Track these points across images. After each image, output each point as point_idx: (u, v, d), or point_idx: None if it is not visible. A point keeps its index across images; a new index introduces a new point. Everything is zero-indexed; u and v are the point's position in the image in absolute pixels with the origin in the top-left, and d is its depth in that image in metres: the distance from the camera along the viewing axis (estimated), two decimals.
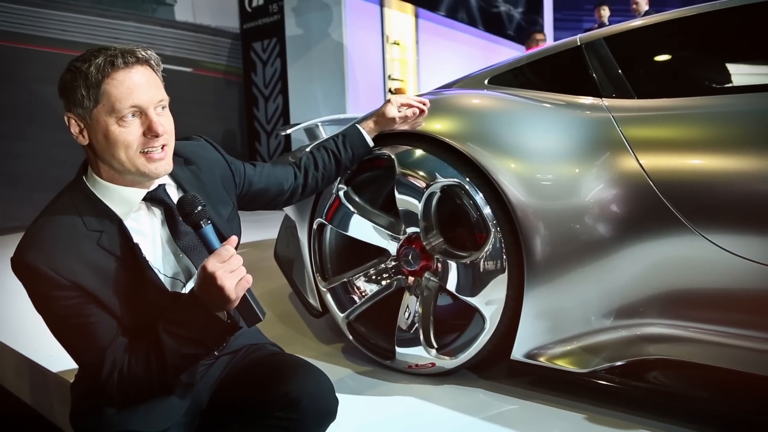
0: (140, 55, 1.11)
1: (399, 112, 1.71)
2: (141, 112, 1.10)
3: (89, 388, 1.21)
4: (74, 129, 1.13)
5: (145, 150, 1.11)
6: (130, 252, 1.14)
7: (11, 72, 5.59)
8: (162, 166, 1.14)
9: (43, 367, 2.08)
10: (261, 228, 4.36)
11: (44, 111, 5.72)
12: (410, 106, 1.71)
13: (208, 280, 1.05)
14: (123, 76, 1.08)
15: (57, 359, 2.06)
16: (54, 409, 2.10)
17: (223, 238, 1.13)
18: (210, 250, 1.10)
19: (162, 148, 1.13)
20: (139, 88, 1.09)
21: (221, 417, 1.27)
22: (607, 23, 7.03)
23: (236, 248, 1.12)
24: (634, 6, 6.39)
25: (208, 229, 1.12)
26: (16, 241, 1.11)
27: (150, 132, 1.10)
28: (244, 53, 7.44)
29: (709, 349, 1.42)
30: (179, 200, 1.15)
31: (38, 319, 1.15)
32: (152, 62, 1.14)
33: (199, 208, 1.13)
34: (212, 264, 1.05)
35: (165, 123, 1.13)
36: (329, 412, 1.19)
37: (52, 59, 5.76)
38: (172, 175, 1.24)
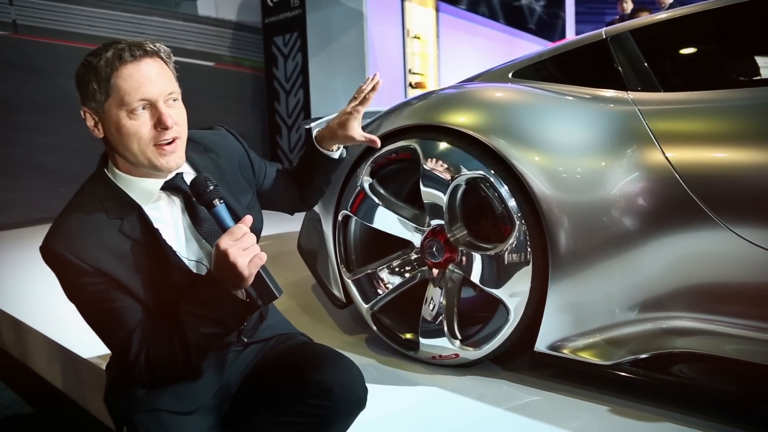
0: (148, 48, 1.13)
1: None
2: (151, 105, 1.12)
3: (121, 370, 1.25)
4: (89, 122, 1.16)
5: (157, 142, 1.13)
6: (152, 237, 1.17)
7: (40, 66, 5.68)
8: (173, 159, 1.16)
9: (74, 353, 2.13)
10: (280, 221, 4.39)
11: (71, 105, 5.74)
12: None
13: (221, 258, 1.07)
14: (131, 69, 1.10)
15: (88, 345, 2.11)
16: (85, 394, 2.16)
17: (238, 219, 1.14)
18: (223, 229, 1.12)
19: (173, 140, 1.14)
20: (148, 81, 1.11)
21: (251, 402, 1.30)
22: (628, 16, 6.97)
23: (258, 238, 1.14)
24: None
25: (221, 208, 1.14)
26: (44, 233, 1.15)
27: (160, 124, 1.12)
28: (266, 47, 7.48)
29: (735, 343, 1.42)
30: (192, 181, 1.17)
31: (69, 306, 1.19)
32: (162, 55, 1.16)
33: (211, 187, 1.14)
34: (225, 242, 1.07)
35: (175, 115, 1.14)
36: (359, 400, 1.21)
37: (79, 54, 5.81)
38: (191, 162, 1.26)
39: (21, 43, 5.57)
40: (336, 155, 1.52)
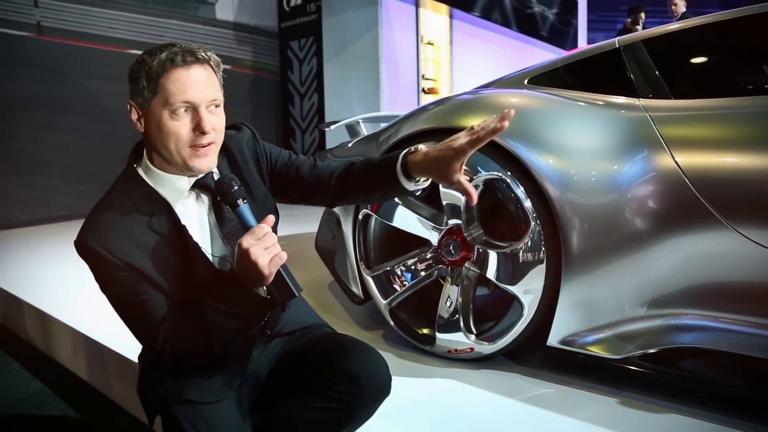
0: (200, 56, 1.20)
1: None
2: (193, 109, 1.18)
3: (150, 361, 1.32)
4: (134, 115, 1.22)
5: (193, 144, 1.19)
6: (179, 234, 1.23)
7: (63, 67, 5.82)
8: (206, 162, 1.21)
9: (101, 344, 2.21)
10: (295, 222, 4.49)
11: (91, 105, 5.94)
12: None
13: (243, 257, 1.11)
14: (180, 73, 1.17)
15: (114, 337, 2.19)
16: (111, 384, 2.23)
17: (258, 218, 1.19)
18: (246, 228, 1.16)
19: (208, 145, 1.20)
20: (194, 86, 1.17)
21: (279, 390, 1.36)
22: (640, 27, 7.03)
23: (274, 230, 1.19)
24: (673, 7, 6.43)
25: (245, 208, 1.19)
26: (65, 229, 1.23)
27: (198, 128, 1.18)
28: (282, 51, 7.59)
29: (741, 339, 1.49)
30: (217, 181, 1.24)
31: (95, 298, 1.25)
32: (212, 63, 1.23)
33: (236, 187, 1.20)
34: (247, 241, 1.11)
35: (215, 121, 1.20)
36: (385, 387, 1.28)
37: (99, 55, 5.99)
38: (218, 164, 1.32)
39: (45, 45, 5.71)
40: (415, 188, 1.29)
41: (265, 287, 1.17)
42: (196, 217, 1.27)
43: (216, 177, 1.29)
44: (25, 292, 3.01)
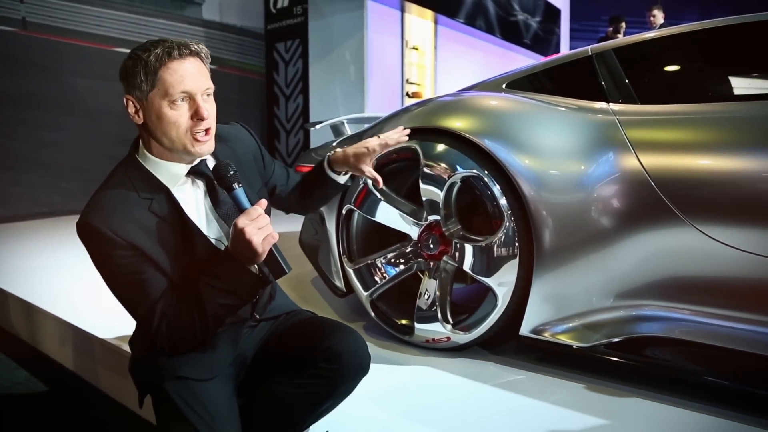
0: (193, 48, 1.28)
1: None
2: (190, 98, 1.26)
3: (144, 342, 1.39)
4: (131, 109, 1.29)
5: (192, 131, 1.27)
6: (178, 216, 1.31)
7: (47, 64, 5.80)
8: (206, 147, 1.31)
9: (87, 332, 2.25)
10: (280, 221, 4.54)
11: (76, 102, 5.93)
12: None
13: (238, 235, 1.19)
14: (177, 65, 1.25)
15: (101, 325, 2.25)
16: (98, 373, 2.27)
17: (253, 202, 1.28)
18: (241, 210, 1.25)
19: (206, 131, 1.29)
20: (190, 76, 1.26)
21: (265, 369, 1.44)
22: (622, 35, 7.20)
23: (267, 213, 1.27)
24: (652, 18, 6.61)
25: (240, 192, 1.28)
26: (49, 225, 1.29)
27: (196, 115, 1.26)
28: (268, 53, 7.64)
29: (699, 329, 1.60)
30: (214, 166, 1.32)
31: (82, 288, 1.30)
32: (202, 55, 1.31)
33: (231, 172, 1.29)
34: (242, 221, 1.19)
35: (209, 108, 1.30)
36: (364, 365, 1.36)
37: (85, 53, 5.99)
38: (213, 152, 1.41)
39: (29, 40, 5.69)
40: (342, 180, 1.65)
41: (257, 266, 1.26)
42: (192, 202, 1.35)
43: (211, 164, 1.37)
44: (10, 284, 3.03)
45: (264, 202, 1.24)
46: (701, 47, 1.90)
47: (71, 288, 2.87)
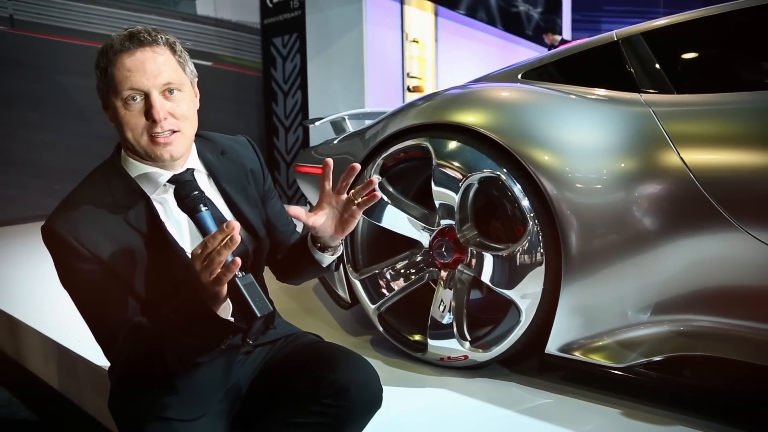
0: (143, 38, 1.10)
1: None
2: (145, 95, 1.10)
3: (123, 372, 1.22)
4: (104, 108, 1.16)
5: (151, 134, 1.11)
6: (157, 230, 1.15)
7: (37, 62, 5.64)
8: (168, 150, 1.12)
9: (72, 351, 2.10)
10: None
11: (66, 102, 5.78)
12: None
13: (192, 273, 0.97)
14: (124, 59, 1.09)
15: (87, 344, 2.08)
16: (83, 393, 2.13)
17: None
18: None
19: (171, 133, 1.12)
20: (138, 71, 1.09)
21: (262, 403, 1.27)
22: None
23: (263, 257, 1.12)
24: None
25: (206, 214, 1.07)
26: (36, 231, 1.13)
27: (149, 116, 1.10)
28: (264, 48, 7.46)
29: (752, 347, 1.41)
30: (177, 185, 1.13)
31: (67, 304, 1.16)
32: (161, 45, 1.13)
33: (196, 192, 1.11)
34: (193, 253, 0.96)
35: (172, 107, 1.12)
36: (376, 400, 1.19)
37: (76, 50, 5.81)
38: (205, 161, 1.25)
39: (17, 39, 5.53)
40: (327, 262, 1.30)
41: (230, 305, 1.03)
42: (174, 212, 1.18)
43: (197, 174, 1.21)
44: None
45: (232, 226, 0.92)
46: (744, 29, 1.70)
47: (56, 301, 2.69)
